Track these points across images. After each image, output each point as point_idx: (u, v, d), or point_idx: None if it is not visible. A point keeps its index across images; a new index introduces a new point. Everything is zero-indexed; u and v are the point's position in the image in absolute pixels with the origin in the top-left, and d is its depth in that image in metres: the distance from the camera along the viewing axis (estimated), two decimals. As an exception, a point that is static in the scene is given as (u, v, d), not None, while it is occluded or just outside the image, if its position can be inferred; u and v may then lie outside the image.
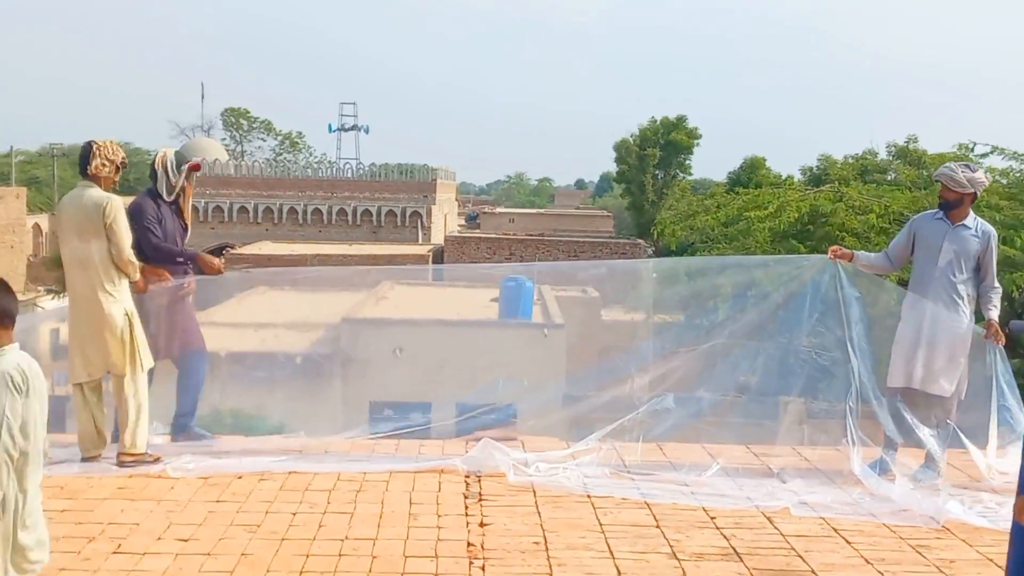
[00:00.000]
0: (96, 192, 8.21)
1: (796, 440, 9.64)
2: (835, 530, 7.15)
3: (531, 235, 64.95)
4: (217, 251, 63.09)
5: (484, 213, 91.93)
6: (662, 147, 74.10)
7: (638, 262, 11.57)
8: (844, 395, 8.57)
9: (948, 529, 7.26)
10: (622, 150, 75.41)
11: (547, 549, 6.55)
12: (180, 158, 9.01)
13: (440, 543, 6.59)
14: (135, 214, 8.76)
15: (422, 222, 70.18)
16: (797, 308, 9.05)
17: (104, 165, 8.25)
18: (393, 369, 18.11)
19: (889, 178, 31.28)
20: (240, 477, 8.01)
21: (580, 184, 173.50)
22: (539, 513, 7.32)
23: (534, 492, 7.83)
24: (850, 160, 35.85)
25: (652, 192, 73.46)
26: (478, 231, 77.85)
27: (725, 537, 6.92)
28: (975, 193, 8.66)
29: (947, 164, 8.92)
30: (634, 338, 10.30)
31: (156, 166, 8.93)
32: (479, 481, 8.09)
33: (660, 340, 9.91)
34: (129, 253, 8.22)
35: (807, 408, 10.17)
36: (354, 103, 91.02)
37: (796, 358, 9.12)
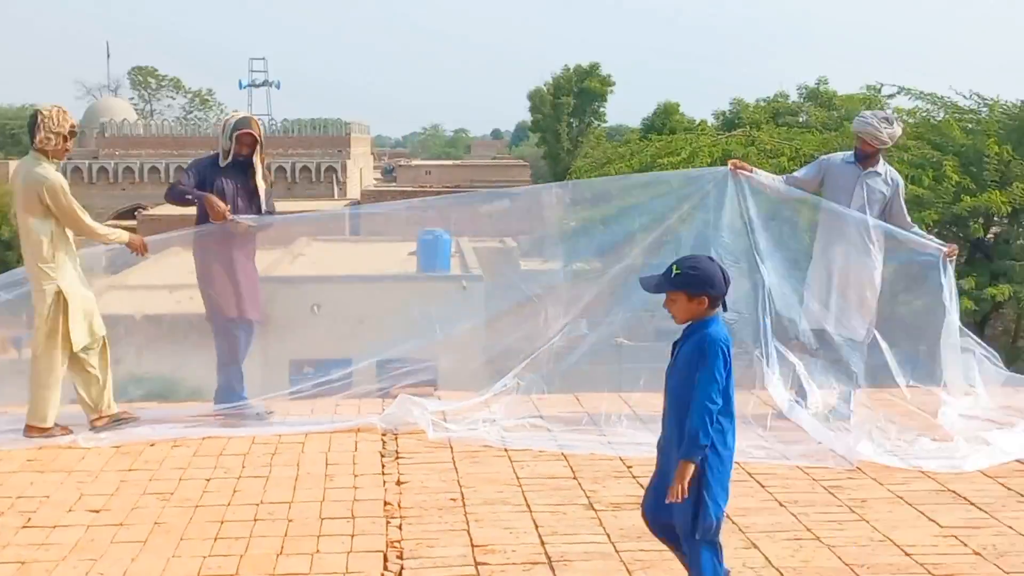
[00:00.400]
0: (39, 168, 8.04)
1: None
2: (749, 474, 7.22)
3: (448, 187, 64.78)
4: (129, 213, 62.19)
5: (400, 166, 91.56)
6: (576, 95, 74.10)
7: (540, 188, 11.36)
8: (754, 306, 8.63)
9: (860, 469, 7.36)
10: (536, 99, 75.30)
11: (464, 505, 6.55)
12: (240, 124, 8.72)
13: (356, 503, 6.55)
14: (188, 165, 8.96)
15: (337, 177, 69.64)
16: (703, 221, 9.05)
17: (49, 138, 8.03)
18: (312, 327, 17.98)
19: (801, 120, 31.59)
20: (153, 444, 7.89)
21: (496, 134, 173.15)
22: (456, 469, 7.31)
23: (451, 448, 7.82)
24: (762, 103, 36.13)
25: (568, 140, 73.52)
26: (394, 184, 77.53)
27: (641, 486, 6.92)
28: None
29: (866, 117, 8.86)
30: (552, 285, 10.24)
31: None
32: (396, 439, 8.06)
33: (576, 283, 9.89)
34: (86, 227, 8.14)
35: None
36: (264, 58, 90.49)
37: None
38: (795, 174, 9.29)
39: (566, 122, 74.47)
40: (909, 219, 9.05)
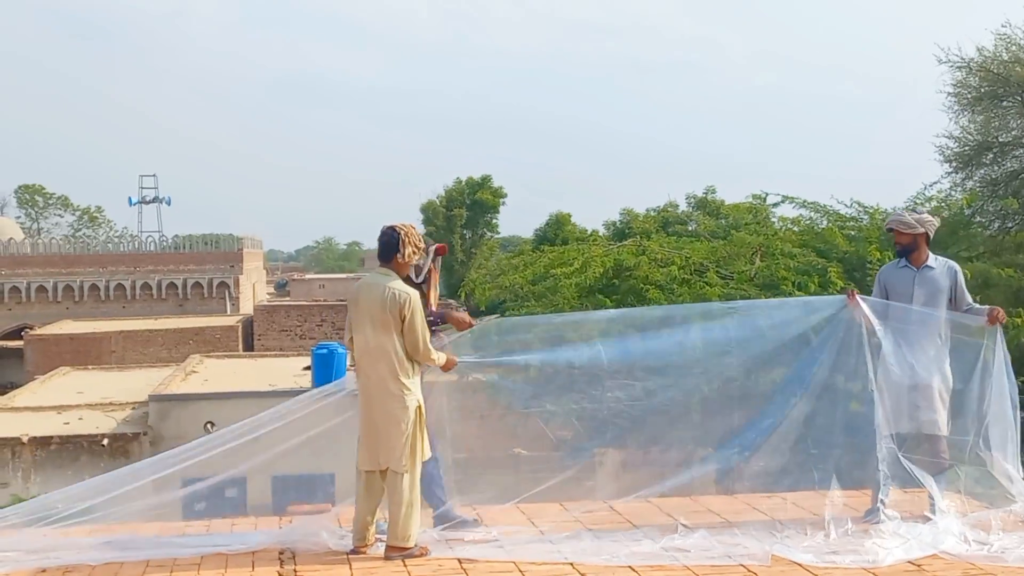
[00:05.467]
0: (396, 284, 7.98)
1: (613, 494, 9.69)
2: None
3: (342, 300, 64.56)
4: (15, 333, 60.90)
5: (293, 280, 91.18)
6: (468, 207, 74.98)
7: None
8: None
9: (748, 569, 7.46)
10: (429, 212, 75.97)
11: (364, 622, 6.48)
12: (426, 240, 8.55)
13: (255, 625, 6.45)
14: None
15: (230, 292, 69.10)
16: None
17: (415, 253, 8.10)
18: (205, 445, 17.65)
19: (690, 228, 32.25)
20: (44, 572, 7.70)
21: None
22: (355, 586, 7.24)
23: (350, 564, 7.75)
24: (652, 213, 36.86)
25: (461, 252, 74.09)
26: (288, 299, 77.19)
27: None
28: (927, 233, 8.85)
29: (896, 212, 9.13)
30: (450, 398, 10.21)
31: None
32: (294, 558, 7.95)
33: (480, 398, 9.89)
34: (426, 348, 8.01)
35: (623, 460, 10.24)
36: (154, 175, 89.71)
37: (608, 409, 9.23)
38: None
39: (459, 234, 75.16)
40: (969, 300, 8.99)
